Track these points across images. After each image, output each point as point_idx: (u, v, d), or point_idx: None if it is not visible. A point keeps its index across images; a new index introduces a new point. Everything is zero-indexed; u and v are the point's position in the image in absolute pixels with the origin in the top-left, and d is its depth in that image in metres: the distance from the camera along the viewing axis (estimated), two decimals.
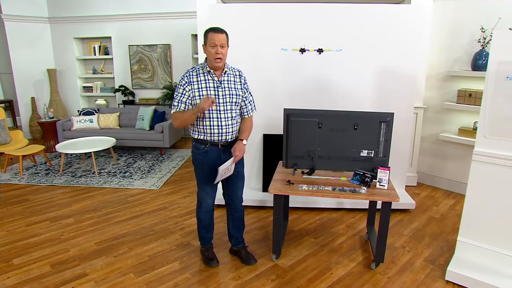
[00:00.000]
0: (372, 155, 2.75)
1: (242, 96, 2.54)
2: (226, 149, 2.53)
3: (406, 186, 4.16)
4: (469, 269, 2.56)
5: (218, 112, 2.43)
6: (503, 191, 2.46)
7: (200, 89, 2.40)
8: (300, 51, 3.63)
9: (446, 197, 4.20)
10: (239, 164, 2.63)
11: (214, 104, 2.37)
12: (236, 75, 2.53)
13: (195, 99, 2.40)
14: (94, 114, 6.13)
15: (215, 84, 2.43)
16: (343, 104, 3.56)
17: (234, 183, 2.67)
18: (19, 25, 6.70)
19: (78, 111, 6.34)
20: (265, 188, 3.87)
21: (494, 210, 2.53)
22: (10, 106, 7.95)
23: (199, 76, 2.41)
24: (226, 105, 2.45)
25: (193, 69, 2.46)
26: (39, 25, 6.94)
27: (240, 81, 2.54)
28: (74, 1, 6.82)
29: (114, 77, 7.12)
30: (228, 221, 2.85)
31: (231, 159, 2.44)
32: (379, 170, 2.60)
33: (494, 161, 2.46)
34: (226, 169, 2.43)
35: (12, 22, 6.61)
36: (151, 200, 4.08)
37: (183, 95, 2.41)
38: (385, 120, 2.69)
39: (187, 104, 2.42)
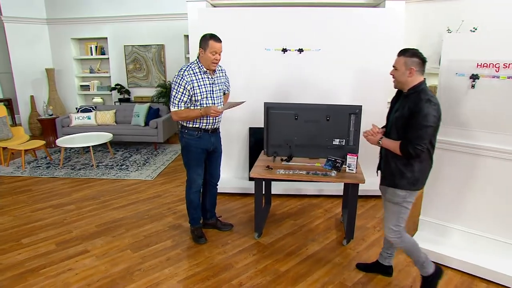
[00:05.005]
0: (343, 144, 3.08)
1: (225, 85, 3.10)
2: (213, 133, 2.99)
3: None
4: (428, 243, 2.91)
5: (213, 105, 2.87)
6: (456, 174, 2.82)
7: (200, 87, 2.80)
8: (282, 51, 3.96)
9: None
10: (220, 145, 3.12)
11: (218, 113, 2.80)
12: (220, 70, 3.00)
13: (196, 96, 2.79)
14: (92, 111, 6.42)
15: (210, 81, 2.85)
16: (321, 99, 3.88)
17: (217, 161, 3.16)
18: (18, 26, 6.97)
19: (76, 108, 6.63)
20: (251, 177, 4.18)
21: (449, 191, 2.88)
22: (9, 105, 8.19)
23: (197, 75, 2.80)
24: (219, 99, 2.93)
25: (189, 67, 2.81)
26: (37, 26, 7.21)
27: (225, 76, 3.04)
28: (71, 3, 7.10)
29: (110, 76, 7.41)
30: (204, 198, 3.27)
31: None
32: (348, 156, 2.94)
33: (448, 147, 2.82)
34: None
35: (12, 24, 6.89)
36: (146, 189, 4.39)
37: (183, 95, 2.77)
38: (354, 112, 3.01)
39: (187, 103, 2.81)
